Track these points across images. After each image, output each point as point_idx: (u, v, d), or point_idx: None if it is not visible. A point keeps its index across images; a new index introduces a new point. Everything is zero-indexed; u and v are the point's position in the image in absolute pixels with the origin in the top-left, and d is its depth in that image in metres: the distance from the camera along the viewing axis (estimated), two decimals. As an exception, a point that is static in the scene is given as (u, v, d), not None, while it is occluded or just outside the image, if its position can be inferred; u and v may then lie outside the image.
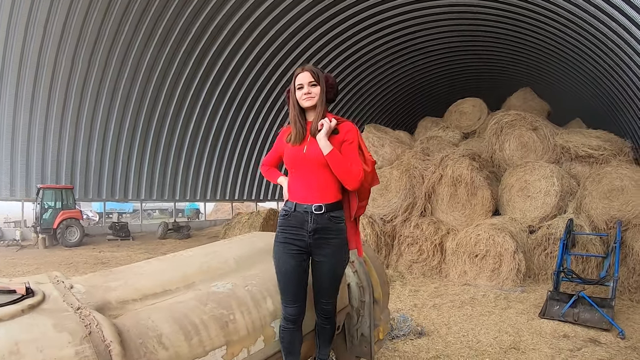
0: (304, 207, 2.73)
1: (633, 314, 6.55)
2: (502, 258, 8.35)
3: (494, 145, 10.59)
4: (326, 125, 2.72)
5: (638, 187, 8.24)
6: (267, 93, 18.31)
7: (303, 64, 2.91)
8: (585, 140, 9.81)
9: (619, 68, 12.19)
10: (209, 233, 17.79)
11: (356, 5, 15.30)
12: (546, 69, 17.74)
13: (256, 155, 20.22)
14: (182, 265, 2.62)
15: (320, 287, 2.82)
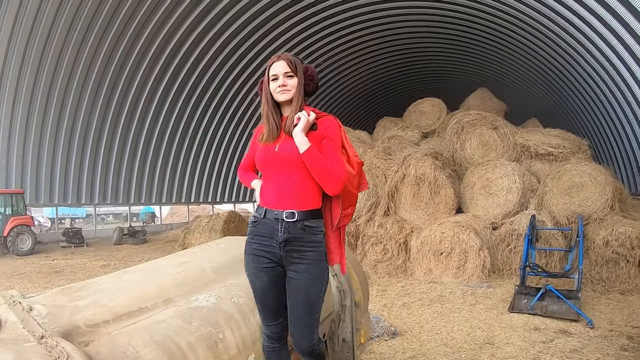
0: (275, 213, 2.37)
1: (598, 304, 6.72)
2: (467, 255, 8.41)
3: (455, 144, 10.70)
4: (303, 119, 2.35)
5: (597, 183, 8.50)
6: (222, 94, 18.00)
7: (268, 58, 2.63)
8: (545, 139, 10.06)
9: (572, 69, 12.59)
10: (165, 237, 17.27)
11: (314, 5, 15.25)
12: (501, 70, 18.20)
13: (212, 157, 19.81)
14: (155, 277, 2.31)
15: (293, 313, 2.38)
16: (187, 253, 2.95)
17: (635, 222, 7.70)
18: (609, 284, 7.34)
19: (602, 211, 8.22)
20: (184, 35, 15.02)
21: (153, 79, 15.65)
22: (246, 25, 15.43)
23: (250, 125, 20.24)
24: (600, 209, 8.25)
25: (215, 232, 9.58)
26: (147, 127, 16.79)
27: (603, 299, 6.98)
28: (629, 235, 7.32)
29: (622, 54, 9.45)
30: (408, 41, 18.19)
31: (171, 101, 16.75)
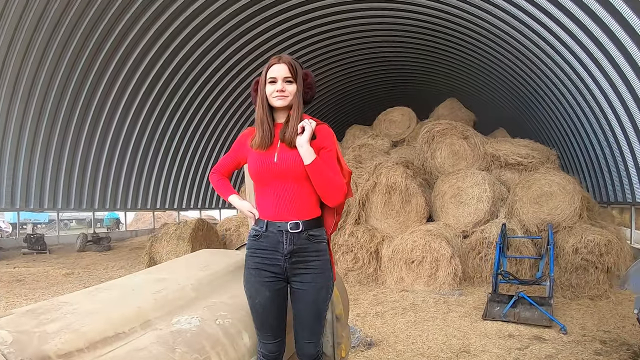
0: (278, 225, 2.30)
1: (568, 309, 6.81)
2: (439, 263, 8.42)
3: (426, 153, 10.75)
4: (309, 129, 2.28)
5: (566, 192, 8.68)
6: (189, 100, 17.70)
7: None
8: (515, 149, 10.24)
9: (538, 79, 12.88)
10: (130, 244, 16.80)
11: (279, 15, 15.22)
12: (469, 80, 18.52)
13: (178, 163, 19.39)
14: (132, 296, 2.11)
15: (301, 322, 2.36)
16: (163, 268, 2.74)
17: (603, 230, 7.88)
18: (579, 290, 7.47)
19: (571, 219, 8.39)
20: (150, 42, 14.75)
21: (119, 83, 15.29)
22: (214, 31, 15.25)
23: (218, 131, 19.96)
24: (569, 217, 8.41)
25: (183, 241, 9.31)
26: (113, 132, 16.34)
27: (573, 304, 7.09)
28: (597, 243, 7.47)
29: (588, 64, 9.70)
30: (377, 50, 18.33)
31: (137, 106, 16.37)
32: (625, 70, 8.57)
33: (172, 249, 9.12)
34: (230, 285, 2.54)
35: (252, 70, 17.72)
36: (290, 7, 14.74)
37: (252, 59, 17.20)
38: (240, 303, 2.35)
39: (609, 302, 7.09)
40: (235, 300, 2.37)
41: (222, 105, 18.80)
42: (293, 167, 2.27)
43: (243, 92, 18.69)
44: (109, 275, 9.96)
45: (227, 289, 2.47)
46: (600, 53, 9.05)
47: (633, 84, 8.54)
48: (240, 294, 2.38)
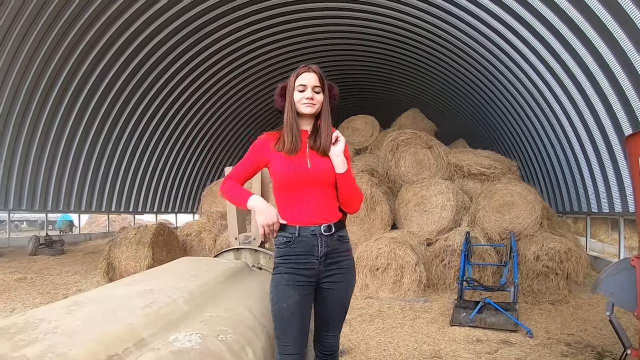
0: (311, 229, 2.33)
1: (532, 314, 6.98)
2: (404, 270, 8.47)
3: (390, 162, 10.86)
4: (343, 140, 2.41)
5: (527, 202, 8.98)
6: (147, 102, 17.30)
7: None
8: (477, 160, 10.51)
9: (497, 90, 13.29)
10: (84, 248, 16.12)
11: (236, 22, 15.17)
12: (429, 91, 18.94)
13: (134, 166, 18.85)
14: (119, 311, 1.85)
15: (327, 320, 2.44)
16: (146, 278, 2.47)
17: (562, 239, 8.19)
18: (540, 295, 7.69)
19: (532, 228, 8.67)
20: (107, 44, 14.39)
21: (77, 82, 14.80)
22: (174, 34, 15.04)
23: (176, 133, 19.54)
24: (531, 226, 8.69)
25: (143, 246, 8.98)
26: (69, 131, 15.72)
27: (535, 309, 7.27)
28: (557, 250, 7.73)
29: (545, 76, 10.09)
30: (339, 59, 18.53)
31: (94, 106, 15.87)
32: (582, 82, 8.95)
33: (132, 255, 8.81)
34: (223, 296, 2.39)
35: (207, 76, 17.57)
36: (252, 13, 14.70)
37: (211, 64, 17.06)
38: (238, 317, 2.22)
39: (569, 307, 7.32)
40: (232, 313, 2.23)
41: (180, 107, 18.51)
42: (325, 174, 2.35)
43: (200, 94, 18.46)
44: (63, 280, 9.54)
45: (220, 301, 2.31)
46: (558, 65, 9.42)
47: (590, 97, 8.92)
48: (235, 307, 2.26)
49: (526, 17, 9.25)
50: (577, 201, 11.16)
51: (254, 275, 3.00)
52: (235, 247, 3.48)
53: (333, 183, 2.39)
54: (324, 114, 2.41)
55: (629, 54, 7.30)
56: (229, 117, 21.34)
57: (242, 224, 3.73)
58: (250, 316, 2.28)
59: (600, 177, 9.66)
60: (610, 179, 9.26)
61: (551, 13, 8.56)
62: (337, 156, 2.36)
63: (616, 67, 7.76)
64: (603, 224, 14.78)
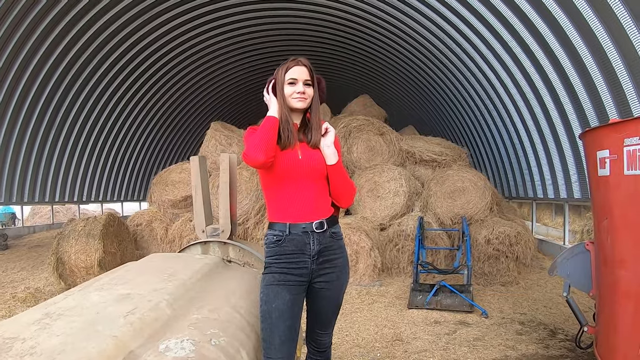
0: (302, 226, 2.25)
1: (484, 295, 7.23)
2: (359, 255, 8.54)
3: (342, 148, 10.88)
4: (333, 131, 2.36)
5: (477, 188, 9.26)
6: (92, 84, 16.44)
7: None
8: (429, 147, 10.70)
9: (446, 78, 13.55)
10: (29, 242, 15.30)
11: (183, 15, 14.83)
12: (379, 77, 19.09)
13: (79, 152, 18.02)
14: (100, 322, 1.67)
15: (320, 318, 2.39)
16: (119, 281, 2.21)
17: (512, 223, 8.53)
18: (491, 277, 7.97)
19: (483, 213, 8.95)
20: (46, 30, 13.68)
21: (16, 68, 13.97)
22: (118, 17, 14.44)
23: (121, 119, 18.71)
24: (481, 211, 8.97)
25: (93, 238, 8.53)
26: (9, 118, 14.85)
27: (487, 290, 7.54)
28: (507, 234, 8.03)
29: (493, 62, 10.37)
30: (287, 44, 18.35)
31: (35, 93, 15.01)
32: (528, 70, 9.24)
33: (82, 248, 8.38)
34: (204, 296, 2.23)
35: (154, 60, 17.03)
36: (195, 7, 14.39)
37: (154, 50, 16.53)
38: (225, 317, 2.10)
39: (519, 288, 7.64)
40: (219, 314, 2.10)
41: (127, 91, 17.74)
42: (316, 166, 2.28)
43: (147, 77, 17.82)
44: (10, 278, 9.01)
45: (202, 302, 2.16)
46: (505, 52, 9.70)
47: (537, 86, 9.23)
48: (220, 307, 2.13)
49: (475, 5, 9.43)
50: (523, 187, 11.60)
51: (231, 271, 2.88)
52: (203, 240, 3.37)
53: (324, 176, 2.32)
54: (314, 107, 2.36)
55: (572, 40, 7.58)
56: (177, 103, 20.72)
57: (210, 216, 3.61)
58: (237, 315, 2.17)
59: (546, 164, 10.07)
60: (555, 166, 9.66)
61: (500, 2, 8.76)
62: (327, 147, 2.31)
63: (561, 54, 8.06)
64: (547, 209, 15.53)
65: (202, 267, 2.66)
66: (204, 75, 19.58)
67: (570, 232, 10.04)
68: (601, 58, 7.19)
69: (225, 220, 3.36)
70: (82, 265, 8.12)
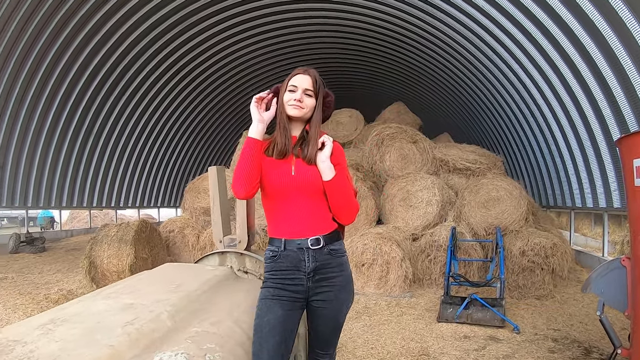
0: (297, 243, 2.19)
1: (517, 309, 7.01)
2: (390, 266, 8.43)
3: (375, 156, 10.80)
4: (330, 145, 2.23)
5: (512, 197, 8.99)
6: (128, 95, 16.95)
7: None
8: (462, 154, 10.48)
9: (482, 85, 13.29)
10: (66, 245, 15.80)
11: (216, 15, 14.97)
12: (414, 84, 18.88)
13: (116, 160, 18.49)
14: (99, 331, 1.71)
15: (319, 338, 2.31)
16: (126, 290, 2.28)
17: (548, 234, 8.23)
18: (525, 290, 7.73)
19: (518, 223, 8.69)
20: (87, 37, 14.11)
21: (56, 76, 14.46)
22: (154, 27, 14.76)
23: (158, 127, 19.22)
24: (516, 221, 8.71)
25: (125, 244, 8.78)
26: (49, 125, 15.34)
27: (521, 304, 7.30)
28: (543, 246, 7.76)
29: (530, 70, 10.08)
30: (323, 51, 18.39)
31: (74, 100, 15.45)
32: (568, 78, 8.94)
33: (114, 253, 8.63)
34: (208, 309, 2.23)
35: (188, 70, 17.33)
36: (228, 7, 14.52)
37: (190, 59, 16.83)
38: (225, 331, 2.06)
39: (555, 302, 7.37)
40: (219, 328, 2.07)
41: (163, 101, 18.20)
42: (311, 182, 2.20)
43: (182, 87, 18.18)
44: (45, 279, 9.34)
45: (205, 314, 2.15)
46: (544, 60, 9.40)
47: (575, 92, 8.92)
48: (222, 320, 2.12)
49: (512, 12, 9.22)
50: (561, 196, 11.22)
51: (241, 283, 2.87)
52: (220, 250, 3.37)
53: (322, 191, 2.23)
54: (314, 120, 2.27)
55: (615, 50, 7.30)
56: (213, 112, 21.08)
57: (227, 226, 3.61)
58: (239, 330, 2.13)
59: (585, 173, 9.71)
60: (594, 174, 9.31)
61: (538, 8, 8.54)
62: (322, 162, 2.20)
63: (602, 63, 7.77)
64: (586, 218, 14.98)
65: (211, 278, 2.67)
66: (239, 84, 19.84)
67: (610, 242, 9.63)
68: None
69: (242, 231, 3.35)
70: (114, 270, 8.32)
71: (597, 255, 9.81)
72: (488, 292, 7.51)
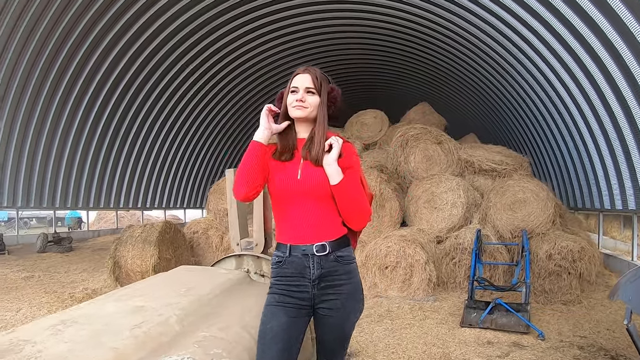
0: (302, 249, 2.12)
1: (543, 315, 6.87)
2: (413, 269, 8.37)
3: (399, 157, 10.73)
4: (337, 147, 2.13)
5: (539, 199, 8.81)
6: (154, 97, 17.24)
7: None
8: (488, 155, 10.34)
9: (508, 85, 13.08)
10: (93, 245, 16.16)
11: (246, 15, 15.06)
12: (439, 85, 18.72)
13: (142, 161, 18.87)
14: (107, 334, 1.74)
15: (324, 347, 2.23)
16: (138, 293, 2.32)
17: (576, 237, 8.03)
18: (552, 295, 7.57)
19: (545, 226, 8.52)
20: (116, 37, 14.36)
21: (84, 77, 14.79)
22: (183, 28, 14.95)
23: (184, 129, 19.52)
24: (543, 224, 8.54)
25: (149, 244, 8.94)
26: (76, 127, 15.70)
27: (547, 309, 7.16)
28: (570, 249, 7.58)
29: (559, 70, 9.87)
30: (347, 52, 18.38)
31: (102, 102, 15.80)
32: (596, 77, 8.72)
33: (138, 253, 8.79)
34: (218, 313, 2.24)
35: (215, 71, 17.50)
36: (256, 8, 14.59)
37: (216, 60, 16.99)
38: (233, 337, 2.06)
39: (582, 307, 7.19)
40: (227, 333, 2.07)
41: (188, 103, 18.45)
42: (317, 186, 2.12)
43: (209, 89, 18.39)
44: (70, 278, 9.58)
45: (215, 319, 2.16)
46: (571, 59, 9.19)
47: (604, 92, 8.69)
48: (231, 325, 2.13)
49: (539, 10, 9.04)
50: (590, 197, 10.94)
51: (253, 288, 2.88)
52: (236, 253, 3.40)
53: (330, 195, 2.14)
54: (319, 118, 2.20)
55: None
56: (239, 113, 21.29)
57: (245, 228, 3.64)
58: (247, 336, 2.14)
59: (614, 173, 9.45)
60: (624, 175, 9.05)
61: (565, 6, 8.36)
62: (328, 165, 2.11)
63: (631, 60, 7.55)
64: (615, 221, 14.55)
65: (224, 282, 2.70)
66: (265, 85, 19.97)
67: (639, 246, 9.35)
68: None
69: (259, 234, 3.37)
70: (138, 270, 8.48)
71: (626, 260, 9.52)
72: (513, 297, 7.40)
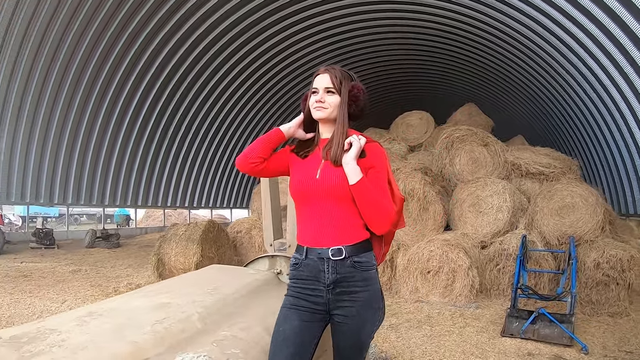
0: (318, 252, 2.06)
1: (588, 327, 6.65)
2: (456, 274, 8.26)
3: (444, 160, 10.59)
4: (356, 146, 2.06)
5: (588, 204, 8.47)
6: (203, 98, 17.69)
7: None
8: (536, 158, 10.05)
9: (559, 86, 12.67)
10: (140, 242, 16.82)
11: (294, 15, 15.17)
12: (486, 85, 18.33)
13: (190, 161, 19.39)
14: (129, 327, 1.79)
15: (340, 353, 2.13)
16: (165, 289, 2.38)
17: (626, 245, 7.68)
18: (599, 307, 7.29)
19: (593, 233, 8.20)
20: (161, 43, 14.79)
21: (131, 82, 15.34)
22: (232, 27, 15.21)
23: (231, 131, 19.97)
24: (592, 230, 8.23)
25: (192, 242, 9.20)
26: (126, 127, 16.37)
27: (593, 321, 6.92)
28: (620, 258, 7.27)
29: (611, 71, 9.50)
30: (394, 53, 18.26)
31: (151, 102, 16.39)
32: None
33: (181, 251, 9.07)
34: (241, 313, 2.25)
35: (263, 71, 17.72)
36: (306, 8, 14.67)
37: (265, 60, 17.19)
38: (253, 337, 2.04)
39: (630, 320, 6.90)
40: (248, 333, 2.05)
41: (234, 105, 18.81)
42: (336, 186, 2.06)
43: (256, 90, 18.69)
44: (116, 273, 9.99)
45: (237, 319, 2.16)
46: (624, 59, 8.85)
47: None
48: (252, 326, 2.13)
49: (592, 10, 8.73)
50: (643, 203, 10.52)
51: (280, 289, 2.89)
52: (269, 254, 3.46)
53: (351, 197, 2.05)
54: (338, 117, 2.15)
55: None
56: (285, 114, 21.54)
57: (278, 229, 3.70)
58: (267, 337, 2.11)
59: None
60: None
61: (619, 5, 8.04)
62: (346, 164, 2.03)
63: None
64: (670, 229, 13.89)
65: (250, 282, 2.74)
66: (296, 92, 20.06)
67: (692, 256, 8.86)
68: None
69: (292, 235, 3.41)
70: (180, 267, 8.76)
71: (681, 271, 9.08)
72: (558, 307, 7.20)
